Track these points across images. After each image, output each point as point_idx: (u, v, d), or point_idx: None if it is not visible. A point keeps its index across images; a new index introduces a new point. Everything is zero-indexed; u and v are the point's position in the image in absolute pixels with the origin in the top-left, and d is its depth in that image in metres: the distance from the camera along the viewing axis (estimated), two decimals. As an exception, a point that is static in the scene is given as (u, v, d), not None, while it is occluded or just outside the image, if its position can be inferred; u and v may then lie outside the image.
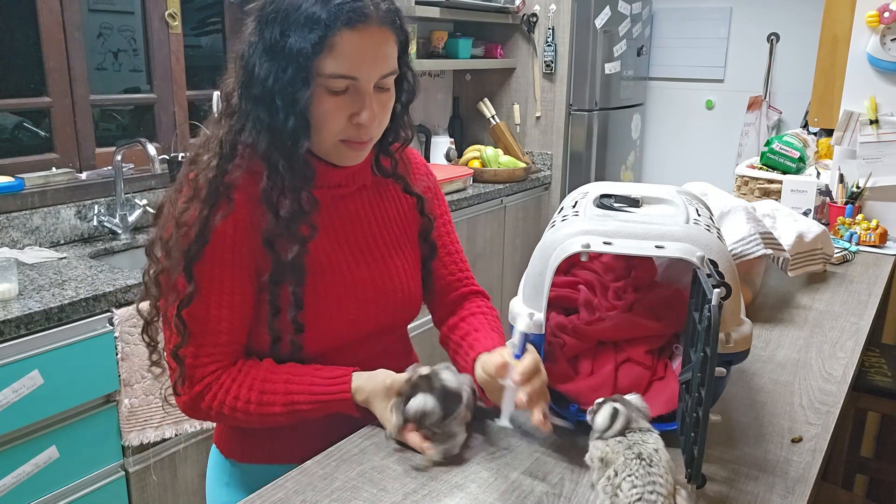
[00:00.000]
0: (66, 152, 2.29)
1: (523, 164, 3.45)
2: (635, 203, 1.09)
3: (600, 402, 0.92)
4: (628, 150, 4.03)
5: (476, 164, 3.38)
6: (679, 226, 0.99)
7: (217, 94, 1.18)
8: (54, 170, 2.21)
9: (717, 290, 0.82)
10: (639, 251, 0.96)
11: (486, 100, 3.66)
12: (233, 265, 1.01)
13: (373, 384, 1.04)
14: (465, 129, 3.88)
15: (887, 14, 2.22)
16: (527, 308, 1.03)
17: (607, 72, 3.65)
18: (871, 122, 2.30)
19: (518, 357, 0.96)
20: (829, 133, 2.59)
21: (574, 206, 1.09)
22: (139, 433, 1.82)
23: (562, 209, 1.12)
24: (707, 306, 0.83)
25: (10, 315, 1.56)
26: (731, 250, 1.49)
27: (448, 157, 3.54)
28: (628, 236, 0.98)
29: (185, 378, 1.02)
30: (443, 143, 3.57)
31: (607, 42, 3.62)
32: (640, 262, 1.23)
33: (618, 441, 0.87)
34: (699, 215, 1.06)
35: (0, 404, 1.54)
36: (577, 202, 1.10)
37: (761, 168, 2.58)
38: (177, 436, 1.90)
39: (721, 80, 4.04)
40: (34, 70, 2.20)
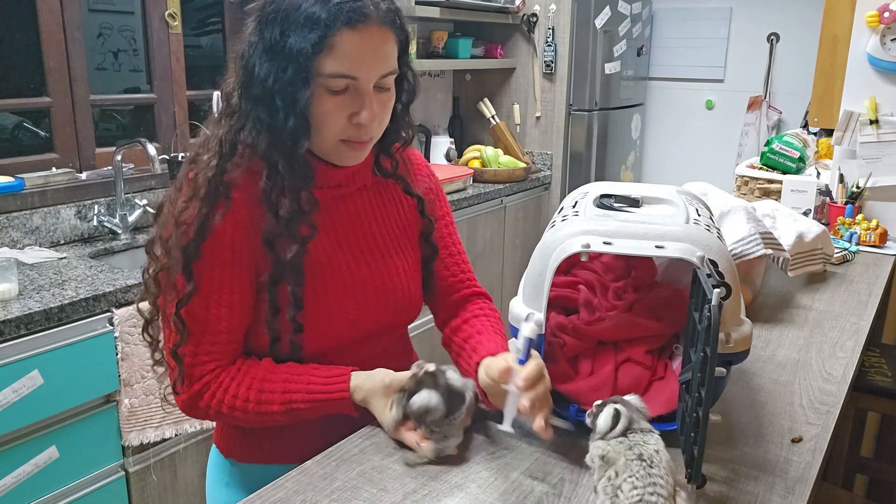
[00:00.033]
0: (66, 152, 2.29)
1: (523, 164, 3.45)
2: (635, 203, 1.09)
3: (600, 404, 0.91)
4: (628, 150, 4.03)
5: (476, 164, 3.38)
6: (679, 226, 0.99)
7: (217, 94, 1.18)
8: (54, 170, 2.21)
9: (717, 290, 0.82)
10: (639, 251, 0.96)
11: (486, 100, 3.66)
12: (232, 264, 1.01)
13: (371, 382, 1.04)
14: (465, 129, 3.88)
15: (887, 14, 2.22)
16: (527, 308, 1.03)
17: (607, 72, 3.65)
18: (871, 122, 2.30)
19: (522, 362, 0.96)
20: (829, 133, 2.59)
21: (574, 206, 1.09)
22: (139, 433, 1.82)
23: (562, 209, 1.12)
24: (707, 306, 0.83)
25: (10, 315, 1.56)
26: (731, 250, 1.49)
27: (448, 157, 3.54)
28: (628, 236, 0.98)
29: (184, 377, 1.02)
30: (443, 143, 3.57)
31: (607, 42, 3.62)
32: (640, 262, 1.22)
33: (619, 442, 0.86)
34: (699, 215, 1.06)
35: (0, 404, 1.54)
36: (577, 202, 1.10)
37: (761, 168, 2.58)
38: (177, 436, 1.90)
39: (721, 80, 4.04)
40: (34, 70, 2.20)
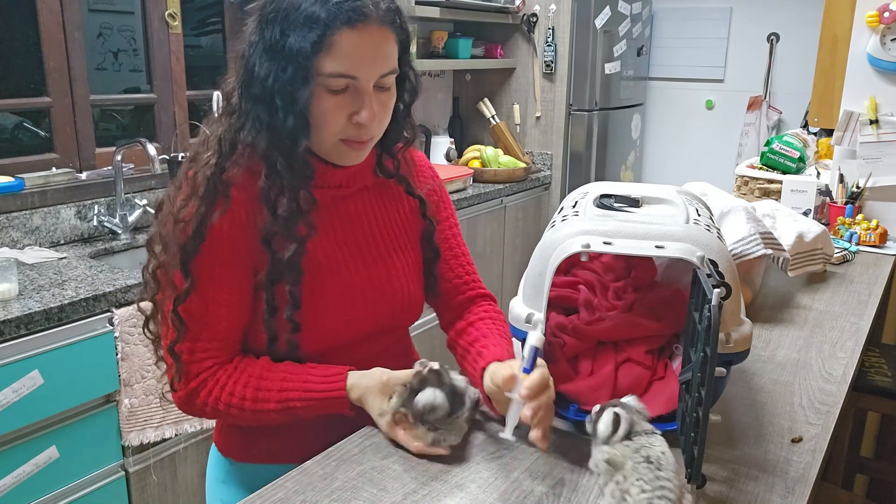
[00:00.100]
0: (66, 152, 2.29)
1: (523, 164, 3.45)
2: (635, 203, 1.09)
3: (598, 409, 0.90)
4: (628, 150, 4.03)
5: (476, 164, 3.38)
6: (679, 226, 0.99)
7: (217, 94, 1.18)
8: (54, 170, 2.21)
9: (717, 290, 0.82)
10: (639, 251, 0.96)
11: (486, 100, 3.66)
12: (230, 262, 1.02)
13: (368, 381, 1.04)
14: (465, 129, 3.88)
15: (887, 14, 2.22)
16: (527, 308, 1.03)
17: (607, 72, 3.65)
18: (871, 122, 2.29)
19: (527, 371, 0.95)
20: (829, 133, 2.59)
21: (574, 206, 1.09)
22: (139, 433, 1.82)
23: (562, 209, 1.12)
24: (707, 306, 0.83)
25: (10, 315, 1.56)
26: (731, 250, 1.49)
27: (448, 157, 3.54)
28: (628, 236, 0.98)
29: (181, 374, 1.03)
30: (443, 143, 3.57)
31: (607, 42, 3.62)
32: (640, 262, 1.22)
33: (625, 445, 0.85)
34: (699, 215, 1.06)
35: (0, 404, 1.54)
36: (577, 202, 1.10)
37: (761, 168, 2.58)
38: (177, 436, 1.90)
39: (721, 80, 4.04)
40: (34, 70, 2.20)
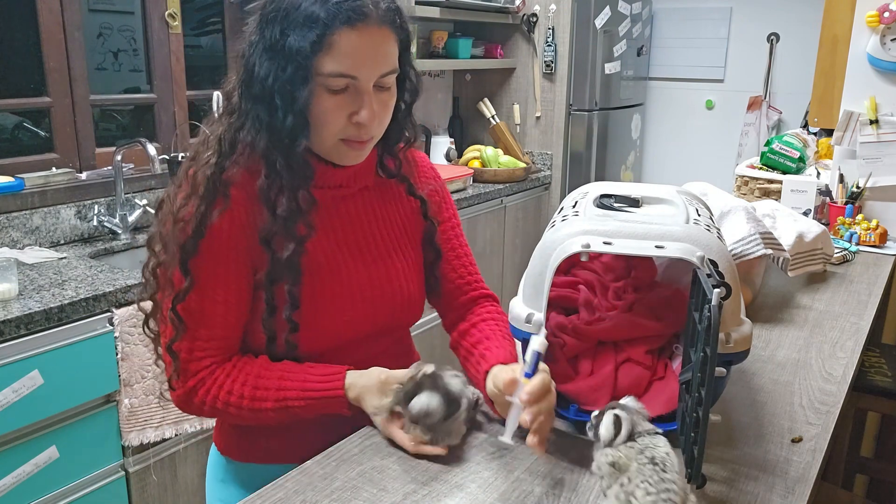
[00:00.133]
0: (66, 152, 2.29)
1: (523, 164, 3.45)
2: (635, 203, 1.09)
3: (598, 413, 0.90)
4: (628, 150, 4.03)
5: (476, 164, 3.38)
6: (679, 226, 0.99)
7: (217, 94, 1.18)
8: (54, 170, 2.21)
9: (717, 290, 0.82)
10: (639, 251, 0.96)
11: (486, 100, 3.66)
12: (229, 261, 1.02)
13: (366, 380, 1.04)
14: (465, 129, 3.88)
15: (887, 14, 2.22)
16: (527, 308, 1.03)
17: (607, 72, 3.65)
18: (871, 122, 2.29)
19: (529, 376, 0.95)
20: (829, 133, 2.59)
21: (574, 206, 1.09)
22: (139, 433, 1.82)
23: (562, 209, 1.12)
24: (707, 306, 0.83)
25: (10, 315, 1.56)
26: (731, 250, 1.49)
27: (448, 157, 3.54)
28: (628, 236, 0.98)
29: (180, 372, 1.03)
30: (443, 143, 3.57)
31: (607, 42, 3.62)
32: (640, 262, 1.22)
33: (629, 446, 0.84)
34: (699, 215, 1.06)
35: (0, 404, 1.54)
36: (577, 202, 1.10)
37: (761, 168, 2.58)
38: (177, 436, 1.90)
39: (721, 80, 4.04)
40: (34, 70, 2.20)
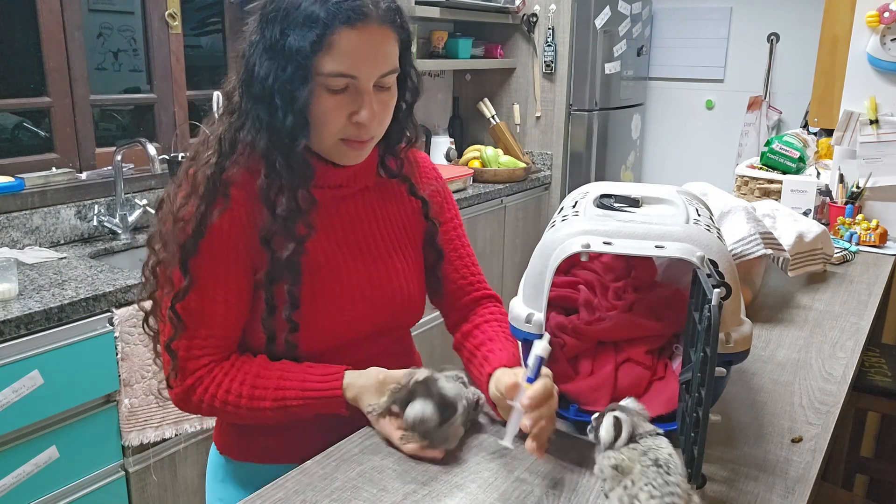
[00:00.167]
0: (66, 152, 2.29)
1: (523, 164, 3.45)
2: (635, 203, 1.09)
3: (597, 416, 0.89)
4: (628, 150, 4.03)
5: (476, 164, 3.38)
6: (679, 226, 0.99)
7: (217, 94, 1.18)
8: (54, 170, 2.21)
9: (717, 290, 0.82)
10: (639, 251, 0.96)
11: (486, 100, 3.66)
12: (229, 261, 1.02)
13: (364, 380, 1.04)
14: (465, 129, 3.88)
15: (887, 14, 2.22)
16: (527, 308, 1.03)
17: (607, 72, 3.65)
18: (871, 122, 2.29)
19: (531, 380, 0.94)
20: (829, 133, 2.59)
21: (574, 206, 1.09)
22: (139, 433, 1.82)
23: (562, 209, 1.12)
24: (707, 306, 0.83)
25: (10, 315, 1.56)
26: (731, 250, 1.49)
27: (448, 157, 3.54)
28: (628, 236, 0.98)
29: (178, 370, 1.03)
30: (443, 143, 3.57)
31: (607, 42, 3.62)
32: (640, 262, 1.22)
33: (631, 448, 0.84)
34: (699, 215, 1.06)
35: (0, 404, 1.54)
36: (577, 202, 1.10)
37: (761, 168, 2.58)
38: (177, 436, 1.90)
39: (721, 80, 4.04)
40: (34, 70, 2.20)
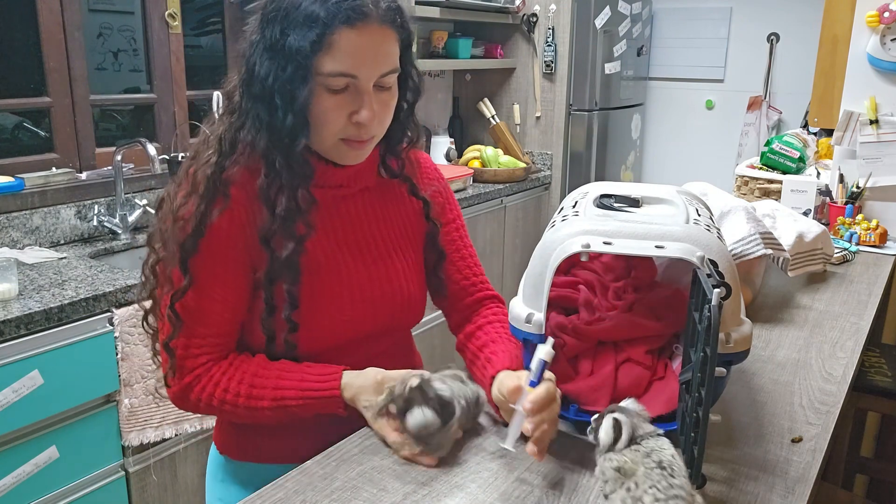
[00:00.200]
0: (66, 152, 2.29)
1: (523, 164, 3.45)
2: (635, 203, 1.09)
3: (597, 417, 0.89)
4: (628, 150, 4.03)
5: (476, 164, 3.38)
6: (679, 226, 0.99)
7: (217, 94, 1.18)
8: (54, 170, 2.21)
9: (717, 290, 0.82)
10: (639, 251, 0.96)
11: (486, 100, 3.66)
12: (228, 260, 1.02)
13: (362, 380, 1.04)
14: (465, 129, 3.88)
15: (887, 14, 2.22)
16: (527, 308, 1.03)
17: (607, 72, 3.65)
18: (871, 122, 2.29)
19: (534, 384, 0.94)
20: (829, 133, 2.59)
21: (574, 206, 1.09)
22: (139, 433, 1.82)
23: (562, 209, 1.12)
24: (707, 306, 0.83)
25: (10, 315, 1.56)
26: (731, 250, 1.49)
27: (448, 157, 3.54)
28: (628, 236, 0.98)
29: (176, 369, 1.03)
30: (443, 143, 3.57)
31: (607, 42, 3.62)
32: (640, 262, 1.22)
33: (634, 450, 0.83)
34: (699, 215, 1.06)
35: (0, 404, 1.54)
36: (577, 202, 1.10)
37: (761, 168, 2.58)
38: (177, 436, 1.90)
39: (721, 80, 4.04)
40: (34, 70, 2.20)
